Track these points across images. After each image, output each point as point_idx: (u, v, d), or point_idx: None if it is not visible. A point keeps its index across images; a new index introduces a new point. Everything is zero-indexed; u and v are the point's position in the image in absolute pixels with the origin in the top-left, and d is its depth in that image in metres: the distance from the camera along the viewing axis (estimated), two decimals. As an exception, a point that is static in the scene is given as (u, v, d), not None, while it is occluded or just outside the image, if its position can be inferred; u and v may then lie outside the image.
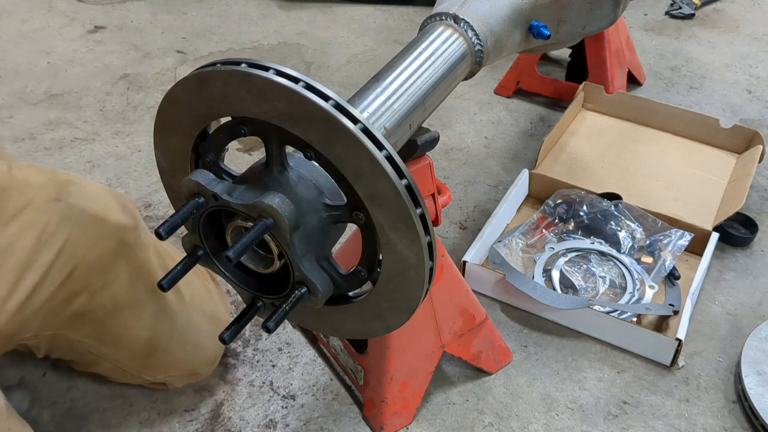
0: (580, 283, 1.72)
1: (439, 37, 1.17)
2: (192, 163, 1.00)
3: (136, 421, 1.43)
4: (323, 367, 1.56)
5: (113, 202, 1.21)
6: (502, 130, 2.35)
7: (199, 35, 2.85)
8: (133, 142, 2.22)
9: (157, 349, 1.31)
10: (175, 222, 0.86)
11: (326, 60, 2.71)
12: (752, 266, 1.85)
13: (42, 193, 1.11)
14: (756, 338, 1.58)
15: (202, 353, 1.40)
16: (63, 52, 2.69)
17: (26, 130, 2.25)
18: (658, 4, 3.15)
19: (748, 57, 2.80)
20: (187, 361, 1.38)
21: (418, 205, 0.85)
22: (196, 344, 1.37)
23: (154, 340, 1.29)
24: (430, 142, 1.16)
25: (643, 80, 2.60)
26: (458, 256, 1.74)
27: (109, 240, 1.18)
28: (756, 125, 2.35)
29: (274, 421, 1.44)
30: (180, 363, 1.37)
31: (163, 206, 1.97)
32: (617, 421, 1.47)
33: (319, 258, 0.93)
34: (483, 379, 1.54)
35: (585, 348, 1.62)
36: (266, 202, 0.84)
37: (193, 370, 1.41)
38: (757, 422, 1.44)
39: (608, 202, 1.88)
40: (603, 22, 1.50)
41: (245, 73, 0.83)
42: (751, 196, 2.05)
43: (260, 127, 0.88)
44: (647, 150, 2.20)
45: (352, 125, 0.81)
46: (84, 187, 1.18)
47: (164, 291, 0.90)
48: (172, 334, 1.32)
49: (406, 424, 1.44)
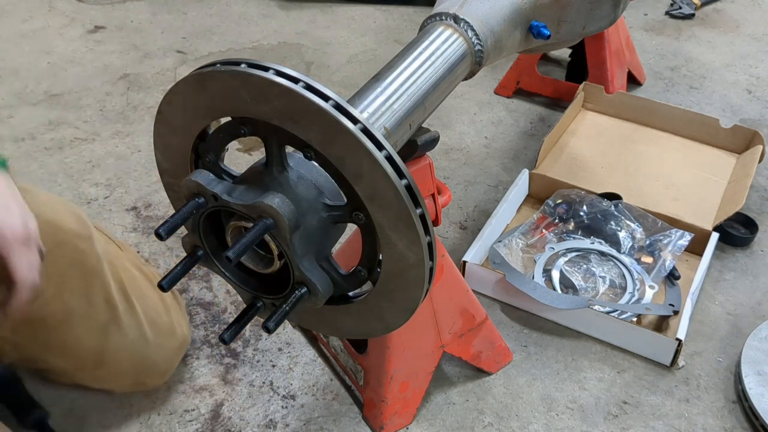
0: (580, 283, 1.72)
1: (439, 37, 1.17)
2: (192, 163, 1.00)
3: (136, 421, 1.43)
4: (323, 367, 1.56)
5: (66, 210, 1.19)
6: (502, 130, 2.35)
7: (199, 35, 2.85)
8: (133, 142, 2.22)
9: (106, 361, 1.29)
10: (175, 222, 0.86)
11: (326, 60, 2.71)
12: (752, 266, 1.85)
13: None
14: (756, 338, 1.58)
15: (151, 367, 1.38)
16: (63, 52, 2.69)
17: (26, 130, 2.25)
18: (658, 4, 3.15)
19: (748, 57, 2.80)
20: (134, 373, 1.36)
21: (418, 205, 0.85)
22: (145, 357, 1.35)
23: (103, 351, 1.27)
24: (430, 142, 1.16)
25: (643, 80, 2.60)
26: (458, 256, 1.74)
27: (63, 247, 1.15)
28: (756, 125, 2.35)
29: (274, 421, 1.44)
30: (127, 374, 1.36)
31: (163, 206, 1.97)
32: (617, 421, 1.47)
33: (319, 258, 0.93)
34: (483, 379, 1.54)
35: (585, 348, 1.62)
36: (266, 202, 0.84)
37: (141, 381, 1.40)
38: (757, 422, 1.44)
39: (608, 202, 1.88)
40: (603, 22, 1.50)
41: (245, 74, 0.83)
42: (751, 196, 2.05)
43: (260, 127, 0.88)
44: (647, 150, 2.20)
45: (352, 125, 0.81)
46: (36, 195, 1.15)
47: (164, 291, 0.90)
48: (121, 347, 1.29)
49: (406, 424, 1.44)
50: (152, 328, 1.35)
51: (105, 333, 1.26)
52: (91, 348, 1.26)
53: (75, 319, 1.21)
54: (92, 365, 1.29)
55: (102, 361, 1.29)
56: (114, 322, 1.27)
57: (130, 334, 1.30)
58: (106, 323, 1.26)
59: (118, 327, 1.28)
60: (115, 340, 1.28)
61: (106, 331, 1.26)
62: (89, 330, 1.24)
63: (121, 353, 1.30)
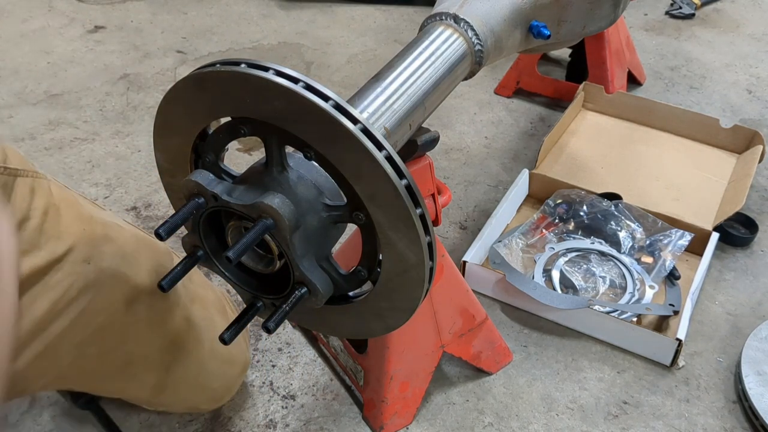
0: (580, 283, 1.72)
1: (439, 37, 1.17)
2: (192, 163, 1.00)
3: (136, 421, 1.43)
4: (323, 367, 1.56)
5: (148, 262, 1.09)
6: (502, 130, 2.35)
7: (199, 35, 2.85)
8: (133, 142, 2.22)
9: (165, 392, 1.24)
10: (175, 222, 0.86)
11: (326, 60, 2.71)
12: (752, 266, 1.84)
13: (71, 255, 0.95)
14: (756, 338, 1.58)
15: (210, 393, 1.35)
16: (63, 52, 2.69)
17: (26, 130, 2.25)
18: (658, 4, 3.15)
19: (748, 57, 2.80)
20: (192, 400, 1.34)
21: (418, 205, 0.85)
22: (205, 386, 1.32)
23: (164, 386, 1.22)
24: (430, 142, 1.16)
25: (643, 80, 2.60)
26: (458, 256, 1.74)
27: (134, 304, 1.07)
28: (756, 125, 2.35)
29: (274, 421, 1.44)
30: (184, 402, 1.34)
31: (163, 206, 1.97)
32: (617, 421, 1.47)
33: (319, 258, 0.93)
34: (483, 379, 1.54)
35: (585, 348, 1.62)
36: (266, 202, 0.84)
37: (196, 407, 1.38)
38: (757, 422, 1.44)
39: (608, 202, 1.88)
40: (603, 22, 1.50)
41: (245, 74, 0.83)
42: (751, 196, 2.05)
43: (260, 127, 0.88)
44: (647, 150, 2.20)
45: (351, 125, 0.81)
46: (120, 246, 1.04)
47: (164, 291, 0.90)
48: (182, 380, 1.25)
49: (406, 424, 1.44)
50: (217, 359, 1.30)
51: (167, 370, 1.20)
52: (151, 383, 1.20)
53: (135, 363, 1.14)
54: (150, 395, 1.24)
55: (161, 392, 1.23)
56: (179, 361, 1.22)
57: (193, 368, 1.25)
58: (170, 363, 1.20)
59: (183, 365, 1.23)
60: (177, 376, 1.23)
61: (169, 369, 1.20)
62: (151, 371, 1.18)
63: (180, 385, 1.26)
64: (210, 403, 1.38)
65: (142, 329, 1.11)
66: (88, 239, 0.98)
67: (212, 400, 1.38)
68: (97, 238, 1.00)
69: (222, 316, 1.34)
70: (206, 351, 1.26)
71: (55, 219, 0.94)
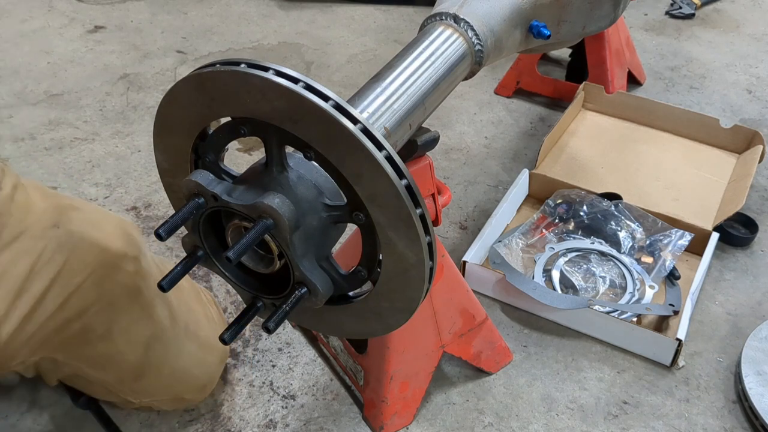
0: (580, 283, 1.72)
1: (439, 37, 1.17)
2: (192, 163, 1.00)
3: (136, 420, 1.43)
4: (323, 367, 1.56)
5: (115, 229, 1.17)
6: (502, 130, 2.35)
7: (199, 35, 2.85)
8: (133, 142, 2.22)
9: (146, 374, 1.28)
10: (175, 222, 0.86)
11: (326, 60, 2.71)
12: (752, 266, 1.85)
13: (41, 219, 1.08)
14: (756, 338, 1.58)
15: (192, 380, 1.37)
16: (63, 52, 2.69)
17: (26, 130, 2.25)
18: (658, 4, 3.15)
19: (748, 57, 2.80)
20: (175, 387, 1.36)
21: (418, 205, 0.85)
22: (186, 371, 1.34)
23: (144, 364, 1.26)
24: (430, 142, 1.16)
25: (643, 80, 2.60)
26: (458, 256, 1.74)
27: (108, 269, 1.14)
28: (756, 125, 2.35)
29: (274, 421, 1.44)
30: (168, 388, 1.35)
31: (163, 206, 1.97)
32: (617, 421, 1.47)
33: (319, 258, 0.93)
34: (483, 379, 1.54)
35: (585, 348, 1.62)
36: (266, 202, 0.84)
37: (180, 396, 1.39)
38: (757, 422, 1.44)
39: (608, 202, 1.88)
40: (603, 21, 1.50)
41: (245, 74, 0.83)
42: (751, 196, 2.05)
43: (260, 127, 0.88)
44: (647, 150, 2.20)
45: (351, 125, 0.81)
46: (86, 213, 1.15)
47: (164, 291, 0.90)
48: (162, 360, 1.29)
49: (406, 424, 1.44)
50: (194, 342, 1.34)
51: (147, 347, 1.24)
52: (132, 362, 1.25)
53: (115, 334, 1.20)
54: (132, 378, 1.28)
55: (142, 374, 1.27)
56: (156, 337, 1.25)
57: (172, 348, 1.29)
58: (147, 338, 1.24)
59: (161, 342, 1.26)
60: (157, 354, 1.27)
61: (148, 345, 1.25)
62: (131, 344, 1.23)
63: (161, 367, 1.29)
64: (194, 392, 1.40)
65: (118, 296, 1.18)
66: (54, 207, 1.11)
67: (195, 389, 1.39)
68: (64, 206, 1.12)
69: (197, 302, 1.38)
70: (182, 331, 1.30)
71: (24, 193, 1.08)
